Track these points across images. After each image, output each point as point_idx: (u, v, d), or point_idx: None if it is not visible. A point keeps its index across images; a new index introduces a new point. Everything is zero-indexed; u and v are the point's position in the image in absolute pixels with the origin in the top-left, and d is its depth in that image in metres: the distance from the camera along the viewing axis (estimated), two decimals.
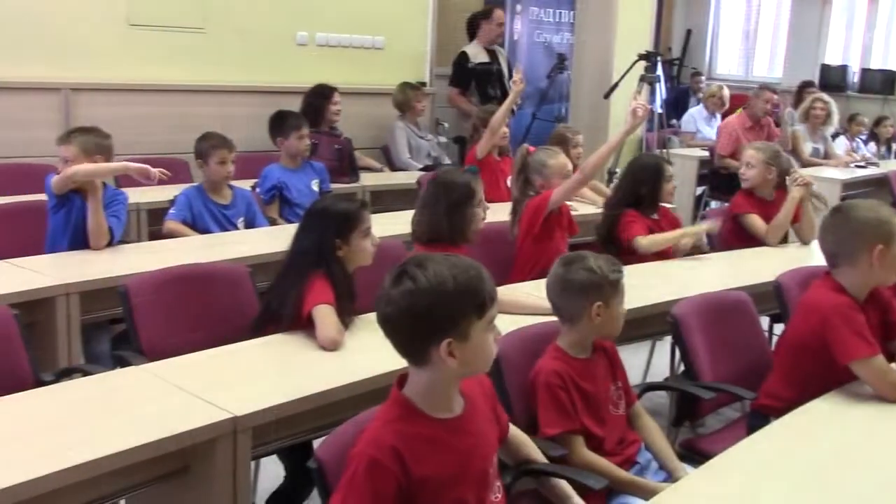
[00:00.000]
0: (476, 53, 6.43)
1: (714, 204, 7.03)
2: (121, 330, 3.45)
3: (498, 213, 4.17)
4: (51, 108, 5.06)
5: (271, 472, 2.78)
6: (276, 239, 3.48)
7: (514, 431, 2.15)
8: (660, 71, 6.67)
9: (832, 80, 10.25)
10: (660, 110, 6.90)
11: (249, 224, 4.15)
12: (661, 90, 6.83)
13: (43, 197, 3.70)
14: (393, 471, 1.66)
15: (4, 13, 4.91)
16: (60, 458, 1.86)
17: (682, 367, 3.02)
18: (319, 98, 5.61)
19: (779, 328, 3.69)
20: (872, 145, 8.00)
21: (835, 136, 7.54)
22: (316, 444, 2.10)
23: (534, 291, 2.97)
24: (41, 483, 1.80)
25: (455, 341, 1.69)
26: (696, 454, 2.56)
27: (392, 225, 3.68)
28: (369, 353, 2.46)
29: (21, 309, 2.67)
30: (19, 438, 1.97)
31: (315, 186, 4.71)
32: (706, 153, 7.14)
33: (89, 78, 5.18)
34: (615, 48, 6.87)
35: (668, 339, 3.55)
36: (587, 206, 4.62)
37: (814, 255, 3.55)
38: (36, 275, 3.12)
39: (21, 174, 4.59)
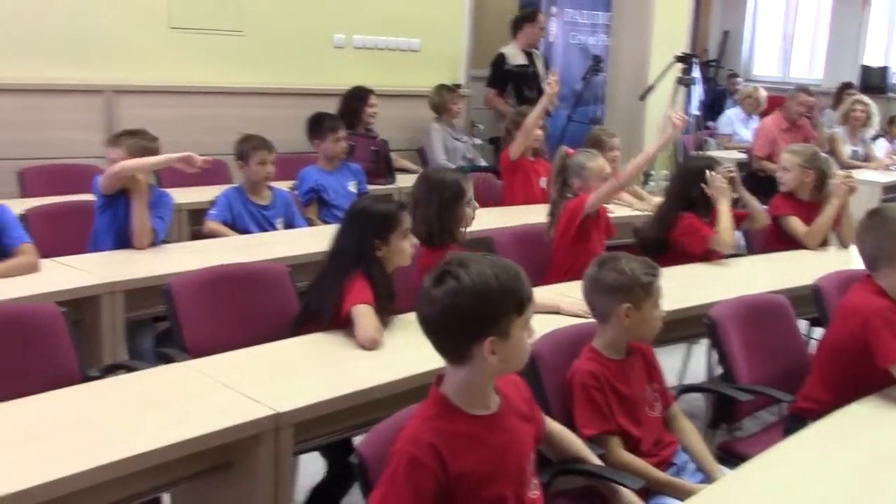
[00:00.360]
0: (514, 55, 6.43)
1: None
2: (164, 328, 3.52)
3: (532, 214, 4.22)
4: (93, 109, 5.16)
5: (311, 468, 2.81)
6: (314, 239, 3.53)
7: (559, 429, 2.17)
8: (696, 73, 6.64)
9: (873, 81, 10.12)
10: (696, 112, 6.87)
11: (288, 225, 4.20)
12: (698, 92, 6.79)
13: (86, 197, 3.79)
14: (432, 468, 1.69)
15: (48, 17, 5.01)
16: (106, 452, 1.91)
17: (718, 370, 3.01)
18: (356, 100, 5.67)
19: (817, 332, 3.67)
20: None
21: (875, 138, 7.45)
22: (356, 440, 2.13)
23: (569, 293, 2.98)
24: (88, 476, 1.85)
25: (497, 339, 1.73)
26: (732, 457, 2.55)
27: None
28: (408, 351, 2.50)
29: (67, 306, 2.72)
30: (68, 432, 2.03)
31: (352, 188, 4.75)
32: (744, 155, 7.09)
33: (131, 80, 5.27)
34: (651, 50, 6.85)
35: (705, 342, 3.55)
36: (624, 209, 4.62)
37: (853, 259, 3.52)
38: (81, 273, 3.19)
39: (65, 175, 4.69)
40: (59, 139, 5.02)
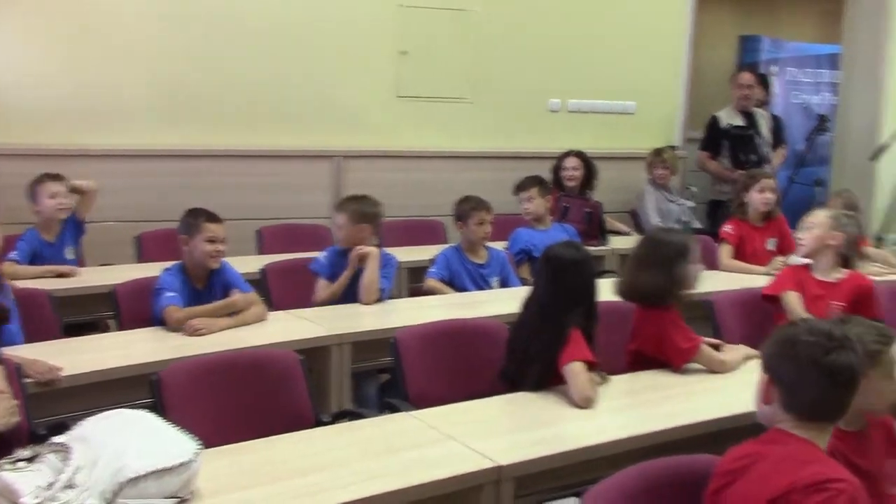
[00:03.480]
0: (729, 116, 6.22)
1: None
2: (386, 379, 3.68)
3: (754, 278, 4.13)
4: (323, 173, 5.54)
5: None
6: None
7: None
8: None
9: None
10: None
11: (503, 283, 4.29)
12: None
13: (317, 254, 4.03)
14: None
15: (285, 88, 5.43)
16: (338, 494, 2.02)
17: None
18: (557, 163, 5.72)
19: None
20: None
21: None
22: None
23: None
24: None
25: None
26: None
27: None
28: (622, 413, 2.54)
29: (300, 355, 2.91)
30: (305, 474, 2.13)
31: None
32: None
33: (359, 146, 5.62)
34: (883, 107, 6.51)
35: None
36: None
37: None
38: (314, 325, 3.41)
39: (297, 233, 5.02)
40: (292, 201, 5.42)
